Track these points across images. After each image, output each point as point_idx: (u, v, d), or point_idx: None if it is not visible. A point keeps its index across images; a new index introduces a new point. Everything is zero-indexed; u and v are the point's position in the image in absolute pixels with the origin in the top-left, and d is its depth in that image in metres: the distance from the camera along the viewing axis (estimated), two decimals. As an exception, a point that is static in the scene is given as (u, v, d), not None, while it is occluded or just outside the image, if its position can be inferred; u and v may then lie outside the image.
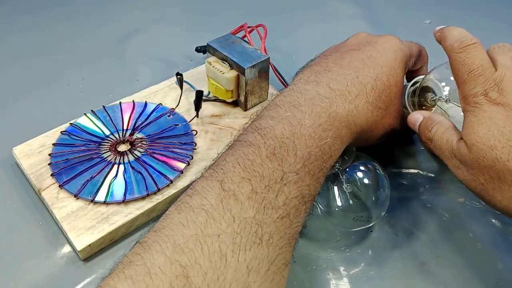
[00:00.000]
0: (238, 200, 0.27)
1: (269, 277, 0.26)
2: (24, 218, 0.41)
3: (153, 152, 0.44)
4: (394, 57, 0.38)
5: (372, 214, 0.37)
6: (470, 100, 0.33)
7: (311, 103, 0.33)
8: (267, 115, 0.33)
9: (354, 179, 0.37)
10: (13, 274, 0.37)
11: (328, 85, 0.35)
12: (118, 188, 0.41)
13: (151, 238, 0.26)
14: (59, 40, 0.65)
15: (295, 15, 0.72)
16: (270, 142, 0.30)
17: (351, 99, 0.35)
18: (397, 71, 0.38)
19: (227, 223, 0.26)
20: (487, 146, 0.31)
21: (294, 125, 0.31)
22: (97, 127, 0.47)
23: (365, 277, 0.37)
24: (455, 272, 0.37)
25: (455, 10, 0.73)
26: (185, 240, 0.25)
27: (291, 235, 0.28)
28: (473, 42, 0.34)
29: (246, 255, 0.26)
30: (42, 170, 0.43)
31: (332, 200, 0.37)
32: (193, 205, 0.27)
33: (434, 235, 0.39)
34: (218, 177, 0.29)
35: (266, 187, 0.28)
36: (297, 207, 0.29)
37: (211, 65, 0.49)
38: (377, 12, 0.72)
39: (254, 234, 0.26)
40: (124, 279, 0.24)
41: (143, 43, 0.65)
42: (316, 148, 0.31)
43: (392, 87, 0.37)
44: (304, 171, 0.30)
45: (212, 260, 0.25)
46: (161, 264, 0.24)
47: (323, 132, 0.32)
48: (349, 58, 0.37)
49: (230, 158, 0.30)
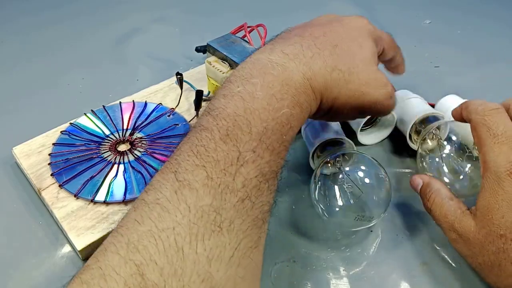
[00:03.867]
0: (193, 189, 0.26)
1: (235, 263, 0.25)
2: (24, 218, 0.41)
3: (153, 152, 0.44)
4: (359, 32, 0.36)
5: (373, 213, 0.37)
6: (491, 170, 0.31)
7: (262, 73, 0.31)
8: (220, 94, 0.31)
9: (355, 179, 0.37)
10: (13, 274, 0.37)
11: (282, 51, 0.33)
12: (118, 188, 0.41)
13: (108, 239, 0.26)
14: (59, 40, 0.65)
15: (296, 16, 0.72)
16: (222, 123, 0.28)
17: (305, 61, 0.32)
18: (361, 42, 0.36)
19: (183, 214, 0.25)
20: (497, 234, 0.30)
21: (246, 100, 0.29)
22: (97, 127, 0.47)
23: (365, 277, 0.36)
24: (455, 272, 0.37)
25: (455, 10, 0.73)
26: (139, 237, 0.24)
27: (255, 216, 0.27)
28: (497, 107, 0.33)
29: (205, 244, 0.25)
30: (42, 170, 0.43)
31: (333, 200, 0.37)
32: (148, 200, 0.26)
33: (434, 235, 0.39)
34: (173, 168, 0.27)
35: (221, 171, 0.27)
36: (258, 186, 0.28)
37: (211, 65, 0.49)
38: (378, 12, 0.72)
39: (213, 222, 0.25)
40: (80, 285, 0.24)
41: (143, 43, 0.65)
42: (273, 121, 0.29)
43: (356, 54, 0.35)
44: (262, 147, 0.28)
45: (168, 255, 0.24)
46: (115, 265, 0.24)
47: (278, 103, 0.29)
48: (311, 30, 0.36)
49: (185, 147, 0.28)
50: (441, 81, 0.58)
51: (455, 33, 0.67)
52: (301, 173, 0.45)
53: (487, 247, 0.30)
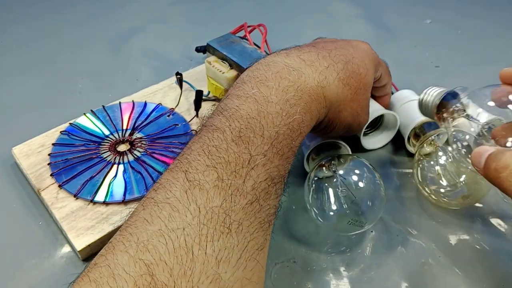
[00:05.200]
0: (204, 190, 0.26)
1: (242, 265, 0.26)
2: (24, 218, 0.41)
3: (152, 152, 0.44)
4: (366, 54, 0.38)
5: (367, 218, 0.36)
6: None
7: (278, 77, 0.31)
8: (233, 94, 0.31)
9: (349, 183, 0.36)
10: (13, 274, 0.37)
11: (299, 56, 0.33)
12: (117, 188, 0.41)
13: (116, 237, 0.26)
14: (59, 40, 0.65)
15: (296, 16, 0.72)
16: (235, 124, 0.28)
17: (321, 70, 0.33)
18: (367, 65, 0.37)
19: (193, 215, 0.25)
20: None
21: (260, 103, 0.30)
22: (97, 127, 0.47)
23: (365, 277, 0.36)
24: (455, 272, 0.37)
25: (455, 10, 0.73)
26: (149, 237, 0.24)
27: (262, 219, 0.27)
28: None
29: (214, 246, 0.25)
30: (42, 170, 0.42)
31: (327, 204, 0.36)
32: (157, 199, 0.26)
33: (434, 235, 0.39)
34: (183, 167, 0.27)
35: (232, 173, 0.27)
36: (266, 190, 0.28)
37: (211, 65, 0.49)
38: (378, 13, 0.72)
39: (222, 224, 0.25)
40: (88, 283, 0.23)
41: (143, 43, 0.65)
42: (284, 127, 0.29)
43: (362, 76, 0.36)
44: (273, 152, 0.28)
45: (177, 255, 0.24)
46: (124, 264, 0.24)
47: (291, 108, 0.30)
48: (323, 44, 0.37)
49: (195, 146, 0.29)
50: (441, 81, 0.58)
51: (456, 33, 0.67)
52: (301, 175, 0.44)
53: None
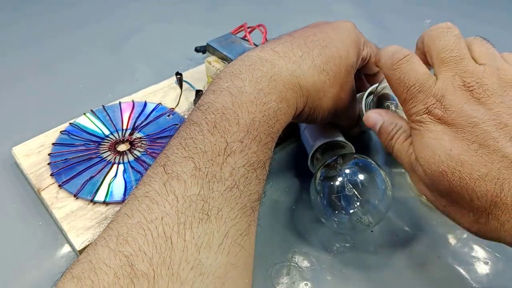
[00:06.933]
0: (181, 180, 0.27)
1: (225, 250, 0.26)
2: (24, 218, 0.41)
3: (152, 152, 0.44)
4: (347, 35, 0.37)
5: (374, 216, 0.37)
6: (414, 119, 0.30)
7: (251, 69, 0.32)
8: (209, 90, 0.32)
9: (355, 182, 0.37)
10: (13, 274, 0.37)
11: (272, 49, 0.34)
12: (117, 188, 0.41)
13: (99, 234, 0.26)
14: (59, 40, 0.65)
15: (296, 16, 0.72)
16: (211, 117, 0.29)
17: (294, 60, 0.33)
18: (348, 47, 0.37)
19: (171, 205, 0.26)
20: (437, 172, 0.28)
21: (235, 94, 0.30)
22: (97, 127, 0.47)
23: (366, 277, 0.36)
24: (455, 272, 0.37)
25: (455, 10, 0.73)
26: (128, 230, 0.25)
27: (243, 205, 0.28)
28: (405, 55, 0.31)
29: (193, 232, 0.25)
30: (42, 170, 0.42)
31: (332, 203, 0.37)
32: (137, 194, 0.27)
33: (434, 235, 0.39)
34: (162, 162, 0.28)
35: (209, 161, 0.27)
36: (246, 175, 0.28)
37: (211, 65, 0.49)
38: (378, 13, 0.72)
39: (200, 211, 0.26)
40: (71, 279, 0.24)
41: (143, 43, 0.65)
42: (260, 114, 0.30)
43: (342, 59, 0.36)
44: (249, 138, 0.29)
45: (156, 245, 0.24)
46: (105, 258, 0.24)
47: (265, 97, 0.31)
48: (301, 31, 0.37)
49: (174, 142, 0.29)
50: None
51: (455, 33, 0.67)
52: (301, 175, 0.44)
53: (439, 187, 0.29)
